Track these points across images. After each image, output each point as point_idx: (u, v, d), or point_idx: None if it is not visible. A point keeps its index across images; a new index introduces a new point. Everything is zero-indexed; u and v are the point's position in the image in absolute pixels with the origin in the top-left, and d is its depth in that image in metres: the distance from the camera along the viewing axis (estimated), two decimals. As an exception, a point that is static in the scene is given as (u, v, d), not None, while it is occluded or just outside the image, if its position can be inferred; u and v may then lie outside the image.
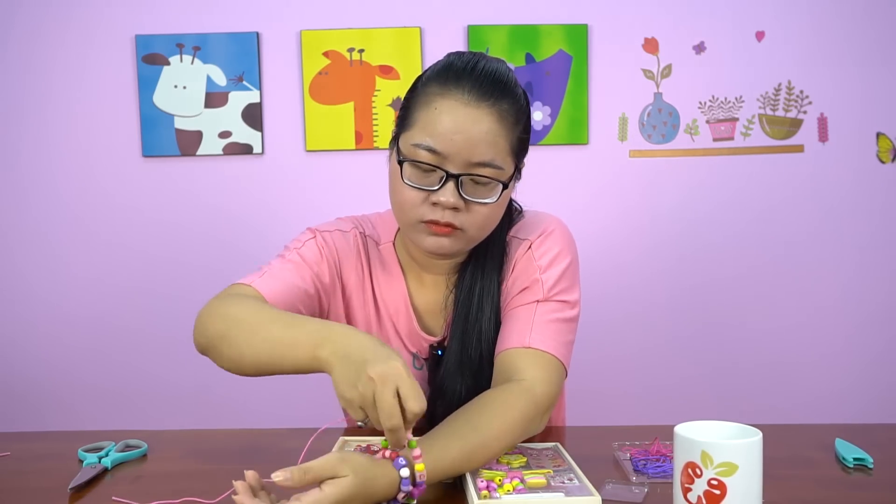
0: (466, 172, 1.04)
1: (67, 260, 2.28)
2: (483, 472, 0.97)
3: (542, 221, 1.22)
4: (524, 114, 1.11)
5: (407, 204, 1.07)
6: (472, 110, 1.04)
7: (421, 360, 1.21)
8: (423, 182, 1.06)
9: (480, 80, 1.05)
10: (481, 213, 1.07)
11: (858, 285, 2.30)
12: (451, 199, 1.04)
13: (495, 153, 1.05)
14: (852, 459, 1.03)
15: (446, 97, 1.05)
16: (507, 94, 1.07)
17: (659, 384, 2.31)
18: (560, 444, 1.07)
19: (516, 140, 1.09)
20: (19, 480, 1.04)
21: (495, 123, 1.05)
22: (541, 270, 1.15)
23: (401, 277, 1.21)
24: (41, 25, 2.22)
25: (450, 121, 1.03)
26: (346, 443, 1.11)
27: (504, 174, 1.07)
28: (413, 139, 1.05)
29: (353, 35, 2.22)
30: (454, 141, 1.03)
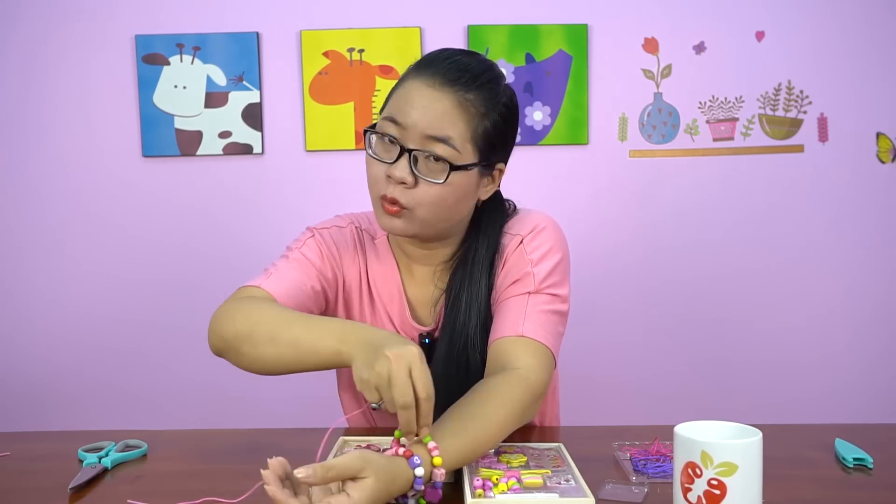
0: (419, 148, 1.09)
1: (67, 260, 2.28)
2: (481, 471, 0.97)
3: (534, 218, 1.24)
4: (496, 112, 1.13)
5: (371, 178, 1.14)
6: (434, 91, 1.09)
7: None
8: (383, 155, 1.12)
9: (449, 69, 1.11)
10: (429, 193, 1.10)
11: (858, 285, 2.30)
12: (401, 173, 1.09)
13: (452, 132, 1.09)
14: (852, 459, 1.03)
15: (416, 79, 1.11)
16: (475, 87, 1.11)
17: (659, 384, 2.31)
18: (563, 446, 1.07)
19: (481, 130, 1.12)
20: (19, 480, 1.04)
21: (455, 107, 1.09)
22: (532, 264, 1.18)
23: (395, 269, 1.25)
24: (42, 26, 2.22)
25: (414, 96, 1.10)
26: (346, 442, 1.11)
27: (459, 157, 1.10)
28: (384, 114, 1.14)
29: (353, 35, 2.22)
30: (411, 114, 1.09)
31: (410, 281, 1.25)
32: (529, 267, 1.17)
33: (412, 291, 1.25)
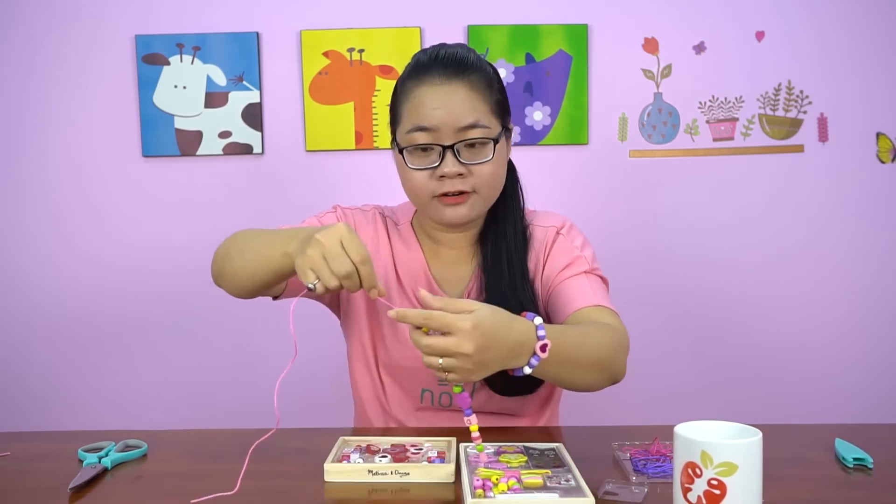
0: (458, 140, 1.17)
1: (67, 260, 2.28)
2: (480, 471, 0.97)
3: (558, 215, 1.37)
4: (495, 80, 1.24)
5: (418, 186, 1.20)
6: (445, 86, 1.18)
7: None
8: (425, 162, 1.19)
9: (445, 64, 1.20)
10: (485, 171, 1.19)
11: (858, 285, 2.30)
12: (454, 168, 1.17)
13: (478, 115, 1.18)
14: (852, 459, 1.03)
15: (420, 86, 1.19)
16: (473, 68, 1.21)
17: (659, 384, 2.31)
18: (563, 446, 1.07)
19: (495, 102, 1.22)
20: (19, 480, 1.04)
21: (470, 91, 1.19)
22: (578, 249, 1.30)
23: (419, 251, 1.33)
24: (41, 25, 2.22)
25: (430, 100, 1.17)
26: (345, 442, 1.12)
27: (492, 132, 1.20)
28: (405, 128, 1.20)
29: (353, 35, 2.22)
30: (438, 115, 1.16)
31: (436, 263, 1.32)
32: (577, 251, 1.29)
33: (438, 273, 1.32)
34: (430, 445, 1.09)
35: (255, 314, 2.20)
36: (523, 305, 1.22)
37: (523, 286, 1.25)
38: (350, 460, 1.03)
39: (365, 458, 1.04)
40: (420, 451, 1.06)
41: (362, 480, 1.00)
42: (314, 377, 2.10)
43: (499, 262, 1.27)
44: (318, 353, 1.94)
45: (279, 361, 2.27)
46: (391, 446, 1.08)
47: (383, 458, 1.03)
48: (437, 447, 1.08)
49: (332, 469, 1.01)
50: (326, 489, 0.99)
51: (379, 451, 1.07)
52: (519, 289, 1.24)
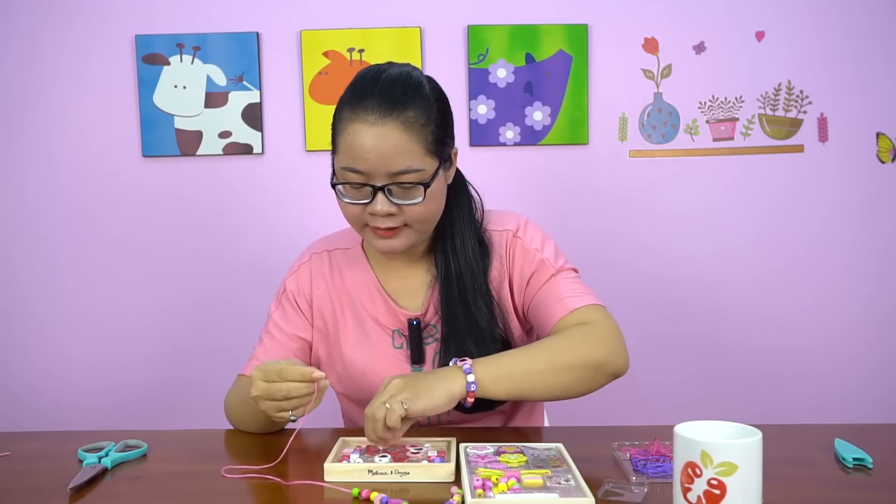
0: (389, 182, 1.16)
1: (67, 260, 2.28)
2: (480, 471, 0.97)
3: (511, 215, 1.34)
4: (434, 112, 1.19)
5: (352, 217, 1.21)
6: (378, 129, 1.14)
7: (401, 338, 1.30)
8: (357, 197, 1.18)
9: (381, 96, 1.15)
10: (416, 210, 1.18)
11: (859, 285, 2.30)
12: (384, 207, 1.16)
13: (410, 160, 1.15)
14: (852, 459, 1.03)
15: (355, 121, 1.15)
16: (410, 100, 1.16)
17: (659, 384, 2.31)
18: (563, 446, 1.07)
19: (431, 139, 1.18)
20: (19, 480, 1.04)
21: (402, 134, 1.15)
22: (539, 252, 1.28)
23: (369, 270, 1.33)
24: (41, 25, 2.22)
25: (360, 143, 1.14)
26: (345, 443, 1.12)
27: (425, 174, 1.17)
28: (340, 163, 1.18)
29: (353, 35, 2.22)
30: (369, 160, 1.14)
31: (389, 278, 1.33)
32: (537, 255, 1.27)
33: (392, 286, 1.32)
34: (429, 445, 1.09)
35: (255, 314, 2.20)
36: (478, 322, 1.23)
37: (477, 302, 1.25)
38: (350, 460, 1.03)
39: (365, 458, 1.04)
40: (420, 451, 1.06)
41: (362, 480, 1.00)
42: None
43: (449, 278, 1.26)
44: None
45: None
46: (391, 446, 1.08)
47: (383, 458, 1.03)
48: (437, 447, 1.08)
49: (332, 469, 1.01)
50: (326, 489, 0.99)
51: (379, 451, 1.07)
52: (472, 305, 1.24)
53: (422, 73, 1.23)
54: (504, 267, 1.29)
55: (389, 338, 1.30)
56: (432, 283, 1.30)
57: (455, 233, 1.28)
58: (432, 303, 1.29)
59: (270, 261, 2.21)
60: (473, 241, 1.28)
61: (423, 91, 1.18)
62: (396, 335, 1.30)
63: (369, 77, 1.19)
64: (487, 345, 1.23)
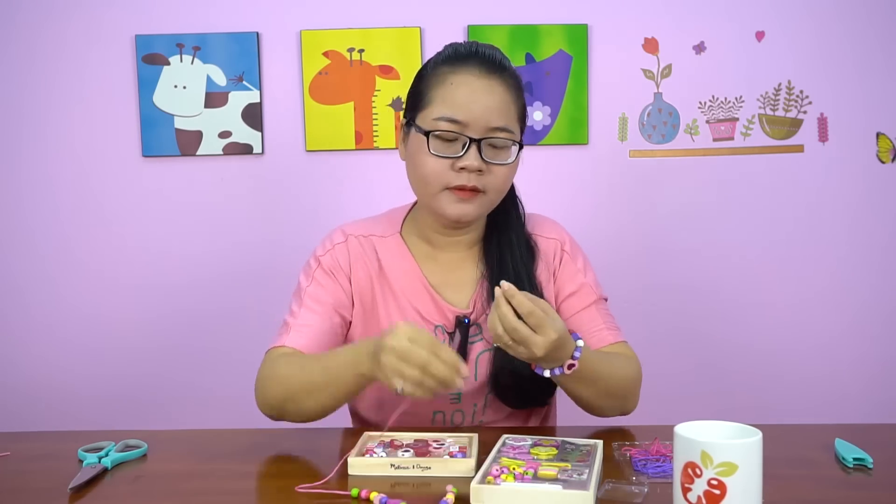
0: (486, 137, 1.17)
1: (66, 259, 2.27)
2: (503, 460, 1.00)
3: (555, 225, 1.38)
4: (521, 87, 1.26)
5: (432, 174, 1.19)
6: (484, 81, 1.17)
7: (444, 335, 1.27)
8: (447, 151, 1.17)
9: (485, 59, 1.20)
10: (501, 173, 1.20)
11: (859, 285, 2.30)
12: (476, 162, 1.16)
13: (508, 119, 1.19)
14: (852, 459, 1.03)
15: (459, 73, 1.18)
16: (508, 70, 1.22)
17: (659, 384, 2.30)
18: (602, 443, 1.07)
19: (521, 109, 1.24)
20: (19, 480, 1.05)
21: (506, 92, 1.19)
22: (582, 274, 1.32)
23: (412, 262, 1.30)
24: (41, 25, 2.22)
25: (467, 92, 1.16)
26: (369, 437, 1.12)
27: (516, 137, 1.21)
28: (433, 114, 1.18)
29: (353, 35, 2.22)
30: (472, 109, 1.16)
31: (433, 268, 1.30)
32: (581, 277, 1.32)
33: (436, 279, 1.29)
34: (452, 441, 1.10)
35: (255, 313, 2.20)
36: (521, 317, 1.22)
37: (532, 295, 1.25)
38: (374, 454, 1.04)
39: (388, 452, 1.05)
40: (442, 446, 1.07)
41: (385, 474, 1.01)
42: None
43: (506, 272, 1.26)
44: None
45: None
46: (414, 441, 1.10)
47: (406, 453, 1.04)
48: (459, 443, 1.09)
49: (356, 463, 1.02)
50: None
51: (402, 446, 1.08)
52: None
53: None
54: (550, 273, 1.31)
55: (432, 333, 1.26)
56: (480, 279, 1.28)
57: (510, 228, 1.30)
58: (480, 300, 1.27)
59: (270, 261, 2.21)
60: (523, 238, 1.30)
61: (514, 69, 1.24)
62: (439, 331, 1.27)
63: (465, 45, 1.23)
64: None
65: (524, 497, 0.90)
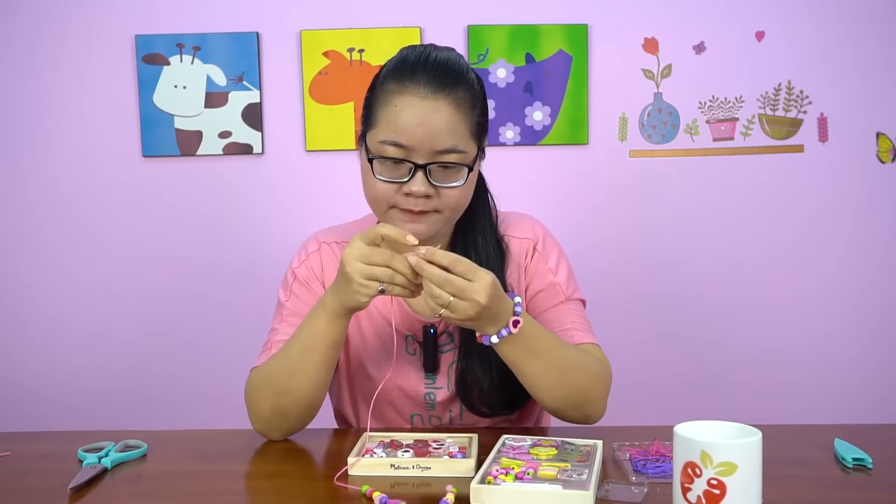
0: (432, 161, 1.11)
1: (67, 260, 2.27)
2: (503, 460, 1.00)
3: (530, 222, 1.31)
4: (479, 98, 1.17)
5: (379, 195, 1.14)
6: (429, 102, 1.10)
7: (414, 344, 1.26)
8: (393, 175, 1.12)
9: (434, 72, 1.12)
10: (452, 195, 1.14)
11: (858, 285, 2.30)
12: (422, 187, 1.11)
13: (457, 139, 1.12)
14: (852, 460, 1.03)
15: (404, 93, 1.12)
16: (461, 81, 1.13)
17: (659, 384, 2.31)
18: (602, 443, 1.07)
19: (475, 124, 1.15)
20: (19, 480, 1.04)
21: (454, 112, 1.11)
22: (553, 273, 1.26)
23: None
24: (41, 25, 2.22)
25: (410, 115, 1.10)
26: (370, 438, 1.12)
27: (468, 157, 1.14)
28: (378, 137, 1.13)
29: (353, 35, 2.22)
30: (416, 133, 1.10)
31: None
32: (551, 276, 1.26)
33: None
34: (452, 441, 1.10)
35: (255, 313, 2.20)
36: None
37: None
38: (373, 455, 1.04)
39: (388, 452, 1.05)
40: (442, 447, 1.08)
41: (385, 474, 1.01)
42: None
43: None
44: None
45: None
46: (414, 441, 1.10)
47: (406, 453, 1.05)
48: (459, 443, 1.10)
49: (356, 463, 1.02)
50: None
51: (402, 446, 1.08)
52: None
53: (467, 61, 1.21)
54: (521, 276, 1.26)
55: (403, 342, 1.25)
56: None
57: (476, 230, 1.24)
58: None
59: (270, 261, 2.21)
60: (493, 242, 1.25)
61: (470, 75, 1.16)
62: (410, 340, 1.26)
63: (417, 54, 1.15)
64: None
65: (524, 497, 0.90)
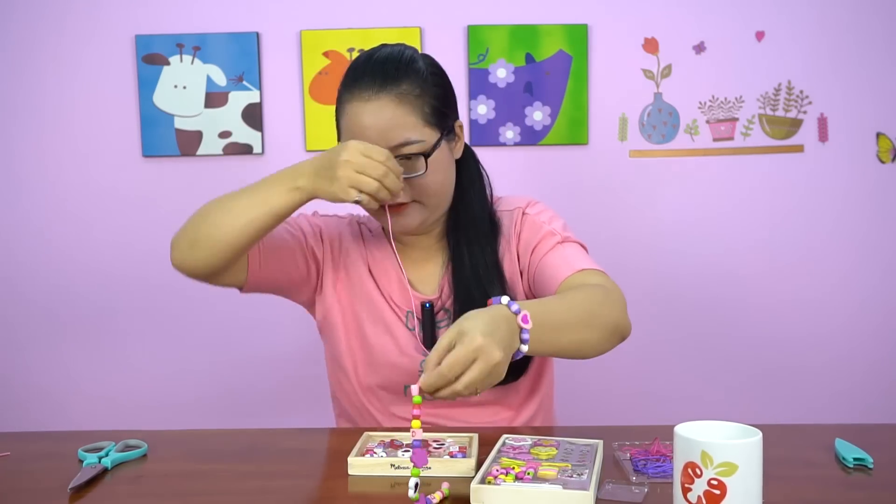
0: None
1: (67, 260, 2.27)
2: (503, 460, 1.00)
3: (522, 197, 1.35)
4: (430, 84, 1.21)
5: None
6: (374, 103, 1.16)
7: (413, 320, 1.30)
8: None
9: (374, 71, 1.18)
10: (422, 183, 1.19)
11: (859, 285, 2.30)
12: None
13: (407, 132, 1.17)
14: (852, 459, 1.03)
15: (351, 101, 1.18)
16: (403, 74, 1.18)
17: (659, 384, 2.31)
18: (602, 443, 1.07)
19: (429, 110, 1.19)
20: (19, 480, 1.05)
21: (397, 107, 1.16)
22: (547, 224, 1.28)
23: (391, 253, 1.32)
24: (40, 25, 2.22)
25: (358, 119, 1.17)
26: (369, 437, 1.12)
27: (425, 145, 1.18)
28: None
29: (353, 35, 2.22)
30: (368, 136, 1.16)
31: (407, 264, 1.32)
32: (545, 227, 1.28)
33: (411, 274, 1.32)
34: (452, 441, 1.10)
35: (256, 314, 2.20)
36: (488, 294, 1.20)
37: (489, 275, 1.25)
38: (374, 455, 1.04)
39: (388, 452, 1.05)
40: (442, 447, 1.08)
41: (385, 474, 1.01)
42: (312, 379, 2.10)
43: (460, 254, 1.27)
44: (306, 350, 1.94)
45: (280, 362, 2.27)
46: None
47: (406, 453, 1.05)
48: (459, 443, 1.10)
49: (355, 463, 1.02)
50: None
51: (402, 446, 1.08)
52: (483, 278, 1.24)
53: (416, 51, 1.24)
54: (511, 243, 1.29)
55: (403, 318, 1.31)
56: (446, 264, 1.30)
57: (467, 208, 1.29)
58: (446, 284, 1.29)
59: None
60: (486, 219, 1.29)
61: (416, 65, 1.20)
62: (410, 316, 1.31)
63: (362, 59, 1.22)
64: None
65: (524, 497, 0.90)
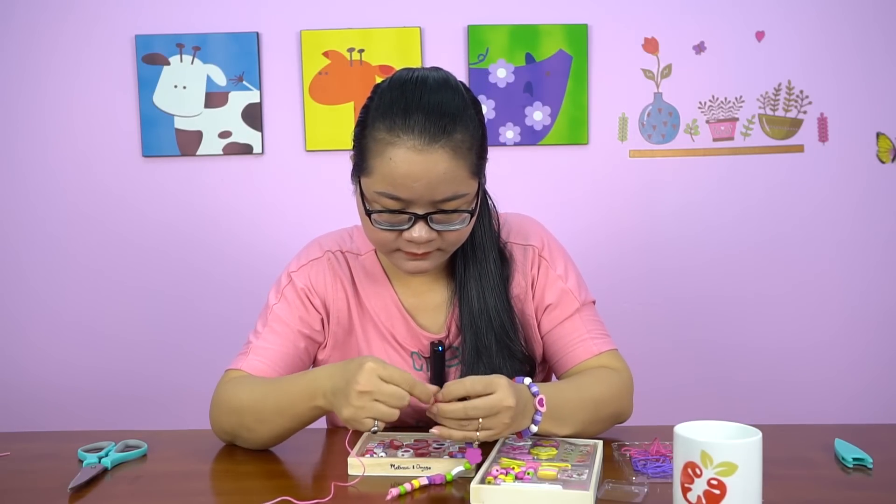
0: (433, 211, 1.07)
1: (67, 260, 2.27)
2: (503, 460, 1.00)
3: (532, 226, 1.28)
4: (478, 133, 1.11)
5: (381, 242, 1.12)
6: (426, 156, 1.04)
7: (420, 360, 1.23)
8: (393, 222, 1.09)
9: (429, 118, 1.05)
10: (453, 236, 1.11)
11: (858, 285, 2.30)
12: (424, 235, 1.08)
13: (457, 186, 1.07)
14: (852, 460, 1.03)
15: (398, 145, 1.05)
16: (458, 123, 1.07)
17: (658, 384, 2.30)
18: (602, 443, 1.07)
19: (475, 161, 1.10)
20: (19, 480, 1.05)
21: (451, 159, 1.05)
22: (563, 280, 1.24)
23: (387, 284, 1.23)
24: (40, 25, 2.22)
25: (406, 169, 1.04)
26: (370, 437, 1.12)
27: (469, 198, 1.10)
28: (375, 187, 1.07)
29: (353, 35, 2.22)
30: (415, 189, 1.05)
31: (407, 293, 1.23)
32: (561, 284, 1.23)
33: (410, 301, 1.23)
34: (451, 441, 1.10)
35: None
36: (501, 338, 1.18)
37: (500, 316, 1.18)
38: (374, 454, 1.04)
39: (388, 452, 1.05)
40: (442, 446, 1.08)
41: (385, 474, 1.01)
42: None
43: (469, 292, 1.19)
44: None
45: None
46: (414, 441, 1.10)
47: (406, 453, 1.05)
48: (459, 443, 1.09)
49: (355, 463, 1.02)
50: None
51: (402, 446, 1.08)
52: (493, 319, 1.18)
53: (460, 84, 1.12)
54: (527, 285, 1.23)
55: (409, 359, 1.23)
56: (453, 299, 1.21)
57: (476, 245, 1.20)
58: (454, 321, 1.21)
59: (270, 261, 2.20)
60: (495, 252, 1.21)
61: (468, 111, 1.09)
62: (416, 357, 1.23)
63: (408, 95, 1.07)
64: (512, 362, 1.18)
65: (524, 497, 0.90)
